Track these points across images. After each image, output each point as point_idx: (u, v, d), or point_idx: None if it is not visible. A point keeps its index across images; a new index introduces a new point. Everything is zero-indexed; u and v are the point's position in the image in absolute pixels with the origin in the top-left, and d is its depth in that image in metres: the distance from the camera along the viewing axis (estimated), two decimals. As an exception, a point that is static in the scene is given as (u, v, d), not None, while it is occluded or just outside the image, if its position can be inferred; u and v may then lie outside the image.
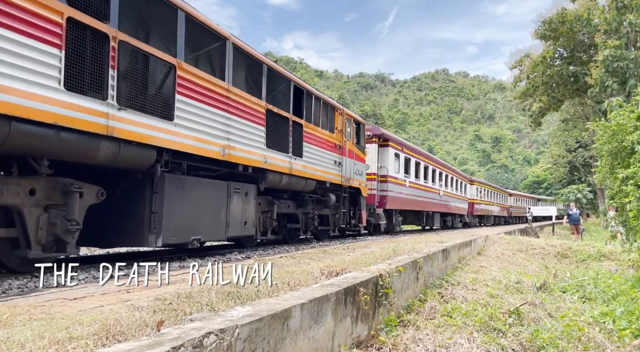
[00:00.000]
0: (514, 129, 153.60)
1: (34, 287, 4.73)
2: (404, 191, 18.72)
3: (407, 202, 19.32)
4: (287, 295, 3.40)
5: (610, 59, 27.20)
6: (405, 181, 18.85)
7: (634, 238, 9.93)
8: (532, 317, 5.73)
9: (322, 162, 11.55)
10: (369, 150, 16.24)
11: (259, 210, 9.44)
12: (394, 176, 17.54)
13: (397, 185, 17.83)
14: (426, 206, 22.33)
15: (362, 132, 14.84)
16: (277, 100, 9.61)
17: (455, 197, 28.21)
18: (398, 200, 17.94)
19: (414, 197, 20.11)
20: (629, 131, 9.80)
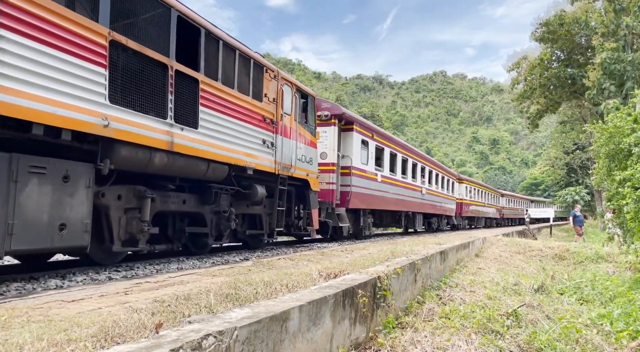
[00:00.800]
0: (512, 131, 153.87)
1: (32, 289, 4.72)
2: (375, 187, 15.45)
3: (380, 201, 16.00)
4: (285, 297, 3.40)
5: (607, 62, 27.27)
6: (376, 175, 15.59)
7: (631, 240, 9.96)
8: (530, 319, 5.74)
9: (238, 140, 8.14)
10: (326, 135, 13.03)
11: (112, 206, 6.14)
12: (361, 167, 14.30)
13: (365, 179, 14.59)
14: (405, 205, 19.08)
15: (312, 108, 11.39)
16: (140, 32, 6.25)
17: (441, 196, 25.27)
18: (366, 197, 14.75)
19: (388, 194, 16.74)
20: (626, 133, 9.84)
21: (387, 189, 16.67)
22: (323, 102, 13.33)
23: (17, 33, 4.58)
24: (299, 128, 10.54)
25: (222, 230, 8.38)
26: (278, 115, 9.55)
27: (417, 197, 20.68)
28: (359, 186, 14.05)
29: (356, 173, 13.88)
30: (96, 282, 5.12)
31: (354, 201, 13.68)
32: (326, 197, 12.68)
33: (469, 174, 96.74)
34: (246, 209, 9.19)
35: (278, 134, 9.52)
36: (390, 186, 16.95)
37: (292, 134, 10.15)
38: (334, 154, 13.04)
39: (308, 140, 11.03)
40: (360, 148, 14.26)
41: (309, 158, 11.01)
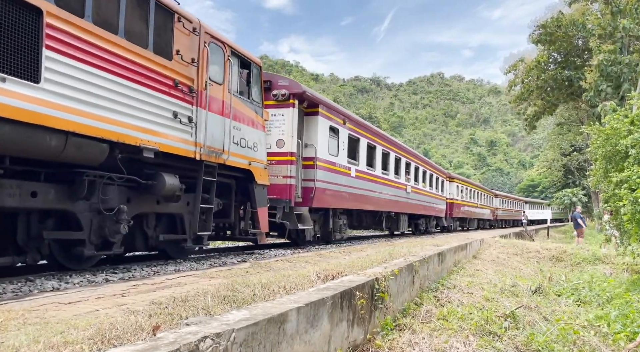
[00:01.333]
0: (509, 132, 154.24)
1: (29, 291, 4.70)
2: (348, 183, 13.27)
3: (354, 199, 13.79)
4: (283, 299, 3.40)
5: (605, 64, 27.39)
6: (349, 169, 13.41)
7: (628, 241, 9.98)
8: (528, 321, 5.74)
9: (127, 108, 5.91)
10: (284, 118, 10.72)
11: None
12: (329, 159, 12.05)
13: (335, 173, 12.38)
14: (387, 204, 16.83)
15: (258, 82, 9.19)
16: None
17: (429, 195, 23.08)
18: (336, 195, 12.51)
19: (365, 192, 14.56)
20: (622, 135, 9.86)
21: (364, 185, 14.52)
22: (280, 78, 11.14)
23: None
24: (237, 104, 8.24)
25: (107, 235, 6.04)
26: (200, 83, 7.17)
27: (401, 196, 18.53)
28: (325, 181, 11.81)
29: (322, 166, 11.64)
30: (93, 284, 5.11)
31: (319, 199, 11.47)
32: (283, 193, 10.46)
33: (467, 175, 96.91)
34: (156, 207, 6.93)
35: (200, 107, 7.18)
36: (367, 182, 14.80)
37: (225, 110, 7.84)
38: (292, 141, 10.68)
39: (251, 121, 8.73)
40: (327, 136, 12.02)
41: (252, 143, 8.69)
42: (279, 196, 10.44)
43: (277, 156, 10.62)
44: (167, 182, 6.59)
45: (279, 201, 10.42)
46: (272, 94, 10.67)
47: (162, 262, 7.59)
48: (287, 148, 10.71)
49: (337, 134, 12.67)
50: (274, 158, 10.45)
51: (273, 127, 10.66)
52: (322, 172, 11.65)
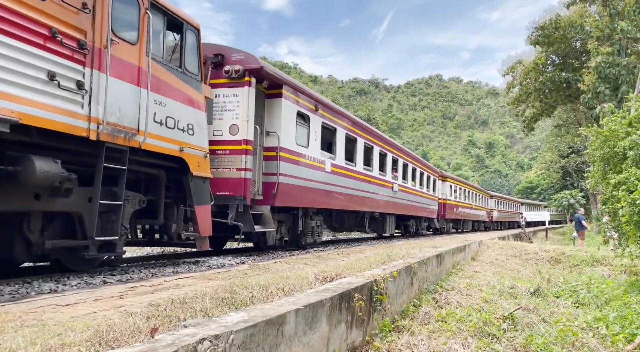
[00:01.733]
0: (507, 134, 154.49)
1: (26, 293, 4.69)
2: (321, 179, 11.54)
3: (329, 197, 12.09)
4: (281, 300, 3.39)
5: (602, 65, 27.47)
6: (323, 163, 11.69)
7: (626, 243, 9.99)
8: (526, 323, 5.74)
9: None
10: (238, 100, 9.03)
11: None
12: (296, 150, 10.40)
13: (304, 167, 10.75)
14: (370, 204, 15.21)
15: (196, 49, 7.47)
16: None
17: (419, 194, 21.35)
18: (305, 192, 10.85)
19: (343, 189, 12.85)
20: (620, 137, 9.88)
21: (342, 182, 12.74)
22: (234, 51, 9.29)
23: None
24: (162, 73, 6.52)
25: None
26: (98, 37, 5.47)
27: (387, 195, 16.80)
28: (292, 176, 10.12)
29: (287, 157, 9.97)
30: (91, 286, 5.09)
31: (283, 196, 9.82)
32: (236, 189, 8.81)
33: (465, 177, 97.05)
34: (34, 204, 5.20)
35: (98, 69, 5.46)
36: (346, 178, 13.04)
37: (141, 78, 6.12)
38: (248, 127, 9.01)
39: (185, 97, 7.03)
40: (295, 123, 10.35)
41: (185, 124, 6.95)
42: (231, 193, 8.80)
43: (229, 145, 8.97)
44: (39, 169, 4.78)
45: (232, 198, 8.76)
46: (224, 71, 9.02)
47: (160, 264, 7.57)
48: (242, 135, 8.94)
49: (307, 122, 10.91)
50: (226, 147, 8.96)
51: (226, 111, 9.06)
52: (288, 165, 9.97)
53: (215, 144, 8.80)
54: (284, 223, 10.72)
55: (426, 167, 23.85)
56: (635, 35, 26.76)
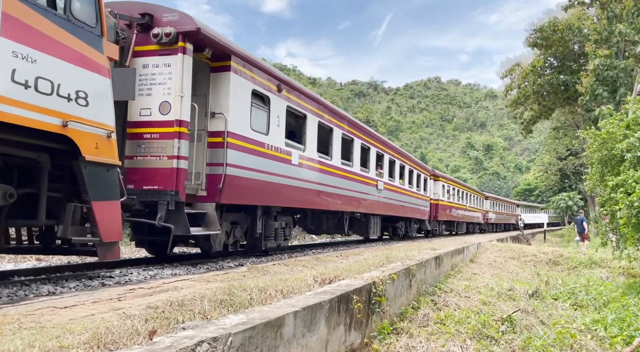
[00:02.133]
0: (506, 136, 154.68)
1: (24, 295, 4.68)
2: (286, 172, 9.79)
3: (298, 194, 10.37)
4: (280, 303, 3.39)
5: (600, 68, 27.54)
6: (289, 154, 10.00)
7: (624, 245, 10.02)
8: (525, 325, 5.74)
9: None
10: (170, 70, 7.33)
11: None
12: (251, 137, 8.71)
13: (262, 157, 9.02)
14: (351, 203, 13.49)
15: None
16: None
17: (407, 194, 19.80)
18: (265, 188, 9.14)
19: (315, 186, 11.12)
20: (618, 139, 9.91)
21: (314, 177, 11.01)
22: (166, 11, 7.57)
23: None
24: (29, 15, 4.73)
25: None
26: None
27: (371, 193, 15.18)
28: (245, 167, 8.37)
29: (238, 145, 8.20)
30: (89, 288, 5.09)
31: (233, 192, 8.07)
32: (165, 182, 7.10)
33: (464, 179, 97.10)
34: None
35: None
36: (319, 173, 11.31)
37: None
38: (182, 105, 7.23)
39: (73, 55, 5.23)
40: (249, 105, 8.56)
41: (72, 91, 5.18)
42: (161, 186, 7.09)
43: (159, 127, 7.22)
44: None
45: (161, 194, 7.05)
46: (153, 34, 7.27)
47: (158, 266, 7.56)
48: (174, 114, 7.17)
49: (266, 104, 9.20)
50: (155, 130, 7.21)
51: (155, 85, 7.31)
52: (239, 154, 8.22)
53: (142, 126, 7.26)
54: (240, 224, 8.97)
55: (416, 164, 22.27)
56: (633, 38, 26.82)
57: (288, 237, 10.79)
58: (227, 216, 8.53)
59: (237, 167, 8.21)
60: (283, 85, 9.79)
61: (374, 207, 15.59)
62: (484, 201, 38.97)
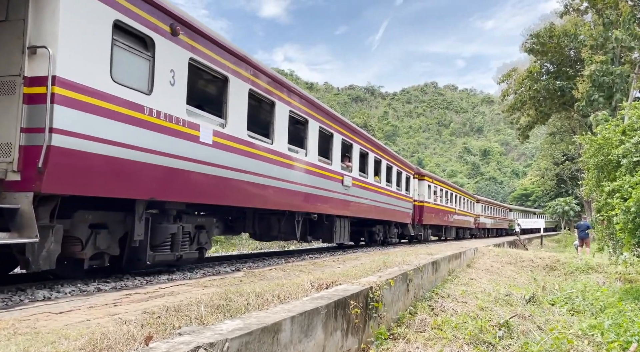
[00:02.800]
0: (502, 141, 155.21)
1: (19, 300, 4.65)
2: (192, 153, 6.97)
3: (215, 187, 7.60)
4: (277, 308, 3.38)
5: (596, 74, 27.72)
6: (195, 129, 7.09)
7: (620, 251, 10.04)
8: (522, 330, 5.74)
9: None
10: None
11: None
12: (107, 91, 5.52)
13: (135, 126, 5.97)
14: (306, 201, 10.73)
15: None
16: None
17: (385, 193, 16.74)
18: (147, 172, 6.18)
19: (245, 176, 8.32)
20: (614, 145, 9.96)
21: (239, 164, 8.12)
22: None
23: None
24: None
25: None
26: None
27: (335, 190, 12.29)
28: (95, 138, 5.38)
29: (80, 101, 5.20)
30: (85, 294, 5.06)
31: (66, 174, 5.12)
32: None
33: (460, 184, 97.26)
34: None
35: None
36: (250, 159, 8.44)
37: None
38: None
39: None
40: (106, 41, 5.61)
41: None
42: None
43: None
44: None
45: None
46: None
47: (154, 271, 7.53)
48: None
49: (149, 50, 6.25)
50: None
51: None
52: (80, 116, 5.20)
53: None
54: (110, 228, 6.06)
55: (396, 160, 18.83)
56: (629, 44, 27.03)
57: (204, 245, 7.91)
58: (87, 215, 5.75)
59: (78, 136, 5.12)
60: (181, 26, 6.62)
61: (339, 207, 12.60)
62: (475, 204, 36.68)
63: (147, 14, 6.17)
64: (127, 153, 5.81)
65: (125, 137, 5.79)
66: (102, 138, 5.46)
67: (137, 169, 6.00)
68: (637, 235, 8.58)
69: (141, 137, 6.04)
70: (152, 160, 6.21)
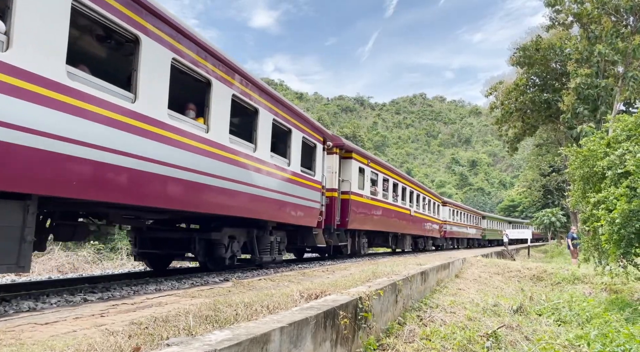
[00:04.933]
0: (490, 152, 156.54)
1: (4, 311, 4.57)
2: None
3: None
4: (266, 318, 3.37)
5: (582, 87, 28.17)
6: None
7: (606, 261, 10.14)
8: (510, 341, 5.77)
9: None
10: None
11: None
12: None
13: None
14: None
15: None
16: None
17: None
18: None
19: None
20: (599, 157, 10.10)
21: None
22: None
23: None
24: None
25: None
26: None
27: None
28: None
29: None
30: (71, 304, 4.99)
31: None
32: None
33: (449, 195, 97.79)
34: None
35: None
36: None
37: None
38: None
39: None
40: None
41: None
42: None
43: None
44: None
45: None
46: None
47: (142, 281, 7.45)
48: None
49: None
50: None
51: None
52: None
53: None
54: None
55: (308, 125, 11.50)
56: (612, 58, 27.54)
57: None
58: None
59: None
60: None
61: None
62: (440, 207, 29.09)
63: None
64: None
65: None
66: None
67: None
68: (622, 246, 8.69)
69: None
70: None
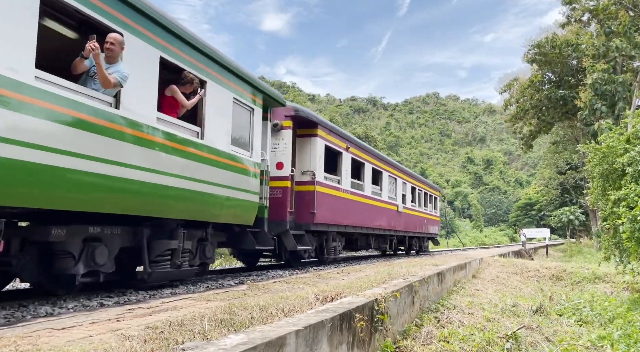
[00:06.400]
0: (505, 151, 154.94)
1: (21, 317, 4.61)
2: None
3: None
4: (281, 322, 3.33)
5: (599, 83, 27.72)
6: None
7: (627, 260, 9.94)
8: (530, 342, 5.66)
9: None
10: None
11: None
12: None
13: None
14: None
15: None
16: None
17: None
18: None
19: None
20: (619, 153, 9.91)
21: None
22: None
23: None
24: None
25: None
26: None
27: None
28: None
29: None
30: (87, 309, 5.02)
31: None
32: None
33: (464, 194, 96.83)
34: None
35: None
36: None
37: None
38: None
39: None
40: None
41: None
42: None
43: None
44: None
45: None
46: None
47: (157, 285, 7.48)
48: None
49: None
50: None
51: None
52: None
53: None
54: None
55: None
56: (630, 52, 27.07)
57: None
58: None
59: None
60: None
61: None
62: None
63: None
64: None
65: None
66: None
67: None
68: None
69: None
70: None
